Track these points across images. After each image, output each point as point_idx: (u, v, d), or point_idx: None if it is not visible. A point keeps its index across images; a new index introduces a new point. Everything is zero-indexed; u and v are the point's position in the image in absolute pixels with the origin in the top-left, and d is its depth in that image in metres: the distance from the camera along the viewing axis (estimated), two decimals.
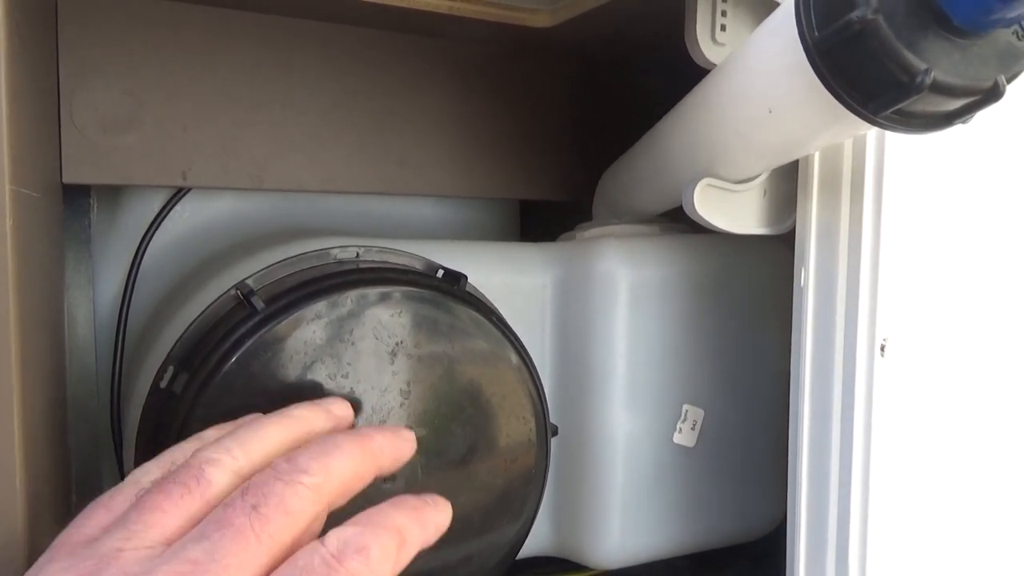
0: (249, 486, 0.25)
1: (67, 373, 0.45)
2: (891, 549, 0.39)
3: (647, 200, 0.51)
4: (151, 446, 0.38)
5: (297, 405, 0.32)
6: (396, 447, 0.32)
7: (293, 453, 0.27)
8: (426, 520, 0.29)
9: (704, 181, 0.41)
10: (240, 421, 0.32)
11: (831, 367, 0.39)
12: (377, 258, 0.43)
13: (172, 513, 0.25)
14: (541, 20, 0.51)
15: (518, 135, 0.57)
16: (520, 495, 0.43)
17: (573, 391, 0.48)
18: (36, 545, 0.31)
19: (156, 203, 0.50)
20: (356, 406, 0.35)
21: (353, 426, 0.34)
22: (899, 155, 0.37)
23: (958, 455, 0.41)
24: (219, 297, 0.39)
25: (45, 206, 0.37)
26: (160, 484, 0.26)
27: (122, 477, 0.47)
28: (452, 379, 0.40)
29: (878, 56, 0.26)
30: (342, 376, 0.37)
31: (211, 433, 0.31)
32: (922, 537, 0.40)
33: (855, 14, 0.26)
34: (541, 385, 0.43)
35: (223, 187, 0.49)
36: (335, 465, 0.27)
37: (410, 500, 0.29)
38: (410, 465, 0.39)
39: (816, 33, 0.28)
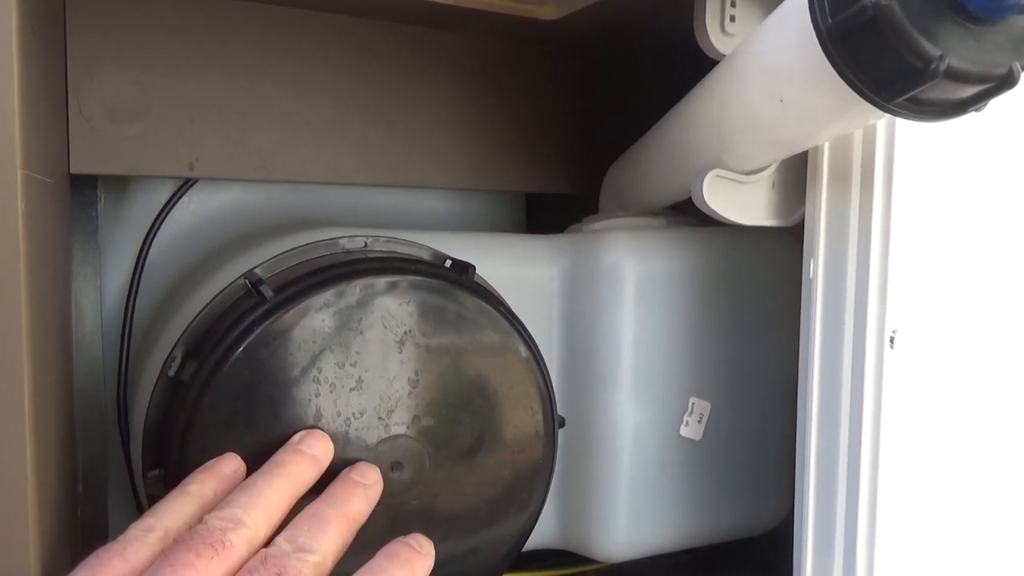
0: (267, 556, 0.28)
1: (74, 362, 0.45)
2: (899, 543, 0.39)
3: (654, 192, 0.51)
4: (159, 435, 0.38)
5: (284, 454, 0.34)
6: (369, 499, 0.35)
7: (292, 533, 0.30)
8: (417, 570, 0.32)
9: (713, 172, 0.41)
10: (220, 467, 0.34)
11: (840, 359, 0.39)
12: (385, 248, 0.43)
13: (203, 572, 0.27)
14: (549, 12, 0.51)
15: (525, 127, 0.57)
16: (527, 487, 0.43)
17: (580, 383, 0.48)
18: (44, 531, 0.31)
19: (163, 194, 0.50)
20: (334, 437, 0.37)
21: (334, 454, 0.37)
22: (910, 145, 0.37)
23: (969, 448, 0.41)
24: (227, 286, 0.39)
25: (54, 194, 0.37)
26: (188, 543, 0.28)
27: (129, 467, 0.47)
28: (460, 369, 0.40)
29: (892, 43, 0.26)
30: (350, 365, 0.37)
31: (194, 487, 0.32)
32: (931, 531, 0.40)
33: (869, 0, 0.26)
34: (549, 376, 0.43)
35: (230, 178, 0.49)
36: (328, 542, 0.31)
37: (403, 552, 0.33)
38: (418, 456, 0.39)
39: (829, 20, 0.28)
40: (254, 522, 0.30)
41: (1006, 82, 0.27)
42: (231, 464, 0.34)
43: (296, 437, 0.35)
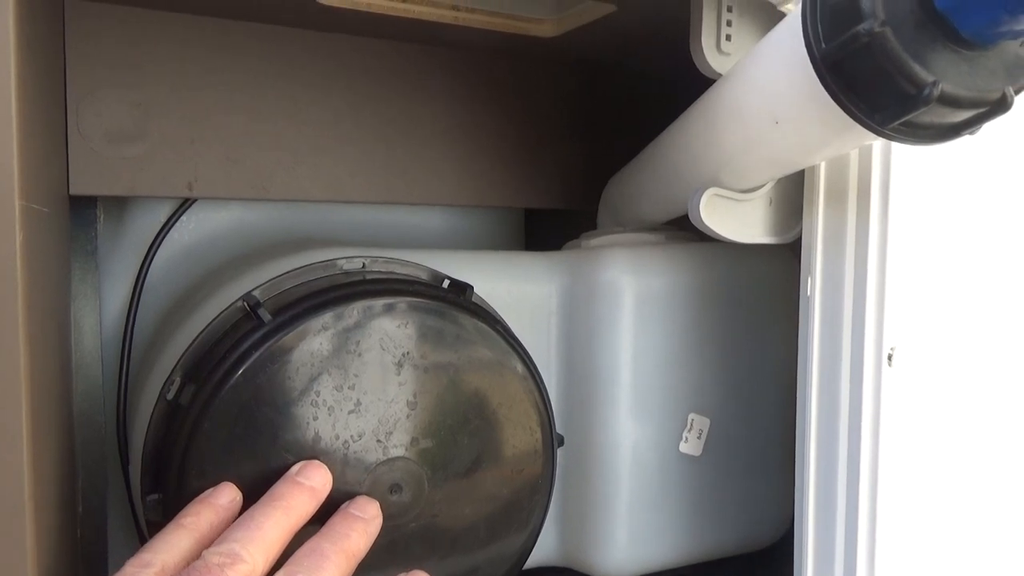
0: None
1: (73, 385, 0.45)
2: (899, 558, 0.39)
3: (652, 209, 0.51)
4: (158, 458, 0.38)
5: (282, 486, 0.34)
6: (368, 534, 0.35)
7: (292, 568, 0.30)
8: None
9: (710, 190, 0.41)
10: (215, 498, 0.34)
11: (838, 376, 0.39)
12: (383, 269, 0.43)
13: None
14: (546, 30, 0.51)
15: (522, 144, 0.57)
16: (526, 505, 0.43)
17: (579, 400, 0.48)
18: (43, 552, 0.31)
19: (162, 214, 0.50)
20: (332, 460, 0.36)
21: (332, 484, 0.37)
22: (905, 165, 0.37)
23: (966, 464, 0.41)
24: (226, 308, 0.39)
25: (53, 219, 0.37)
26: None
27: (128, 489, 0.47)
28: (458, 390, 0.40)
29: (885, 68, 0.26)
30: (349, 387, 0.37)
31: (190, 519, 0.32)
32: (930, 547, 0.40)
33: (863, 26, 0.26)
34: (547, 395, 0.43)
35: (229, 197, 0.49)
36: None
37: None
38: (417, 478, 0.39)
39: (823, 45, 0.28)
40: (252, 557, 0.29)
41: (999, 107, 0.27)
42: (227, 494, 0.34)
43: (294, 468, 0.35)
